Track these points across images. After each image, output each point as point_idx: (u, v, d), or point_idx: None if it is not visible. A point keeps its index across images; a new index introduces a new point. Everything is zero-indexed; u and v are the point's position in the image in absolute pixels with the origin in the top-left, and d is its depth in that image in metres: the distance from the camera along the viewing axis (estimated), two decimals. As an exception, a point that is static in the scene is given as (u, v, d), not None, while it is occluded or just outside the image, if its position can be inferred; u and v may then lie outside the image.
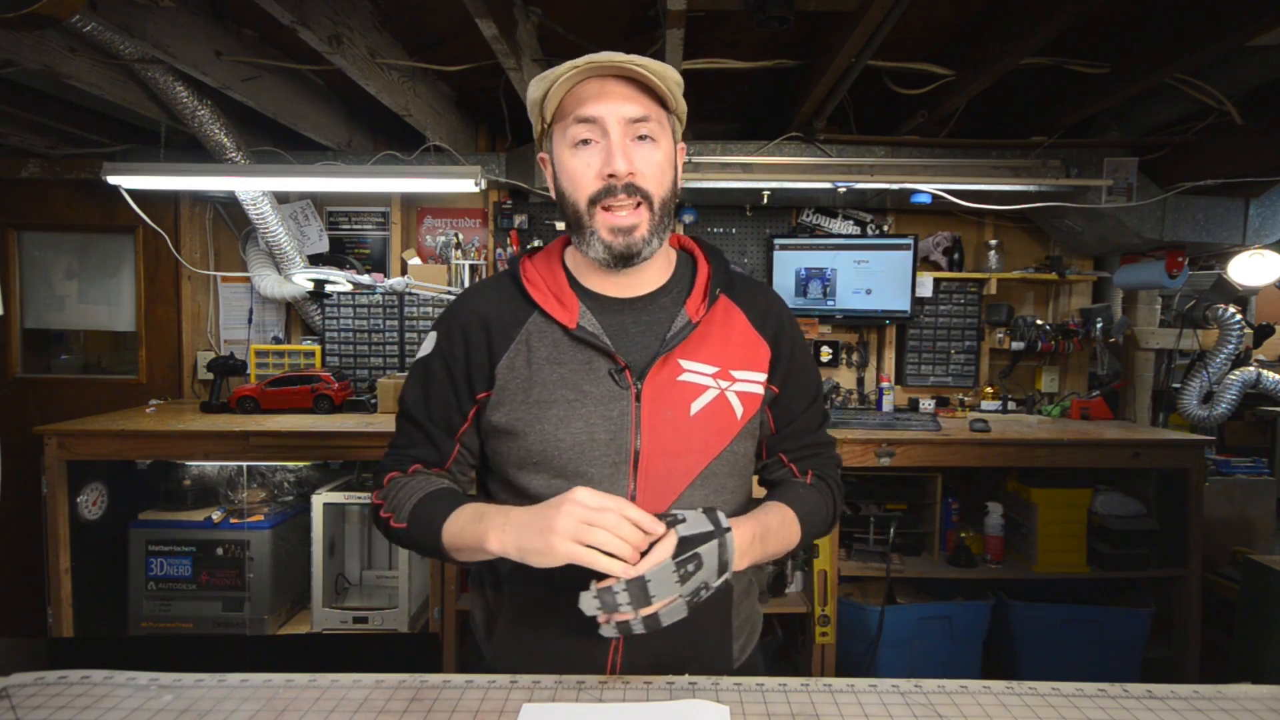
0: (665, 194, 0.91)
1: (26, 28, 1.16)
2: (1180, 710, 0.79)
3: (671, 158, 0.92)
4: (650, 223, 0.89)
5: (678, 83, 0.89)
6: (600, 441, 0.89)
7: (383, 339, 2.99)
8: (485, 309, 0.95)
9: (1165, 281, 2.57)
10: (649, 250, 0.90)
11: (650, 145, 0.88)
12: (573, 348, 0.92)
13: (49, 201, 2.97)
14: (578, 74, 0.85)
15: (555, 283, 0.95)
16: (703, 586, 0.80)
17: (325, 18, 1.73)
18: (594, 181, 0.87)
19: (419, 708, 0.78)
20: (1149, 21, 1.86)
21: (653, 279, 0.97)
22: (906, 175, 2.54)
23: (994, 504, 2.52)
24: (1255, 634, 1.90)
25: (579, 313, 0.93)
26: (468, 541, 0.85)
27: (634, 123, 0.87)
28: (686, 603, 0.79)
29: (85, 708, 0.78)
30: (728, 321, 0.97)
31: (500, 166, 2.80)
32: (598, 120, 0.86)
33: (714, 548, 0.80)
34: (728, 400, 0.93)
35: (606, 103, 0.86)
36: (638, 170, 0.87)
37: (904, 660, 2.40)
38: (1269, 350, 3.36)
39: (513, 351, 0.93)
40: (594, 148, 0.87)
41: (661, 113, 0.90)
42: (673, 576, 0.77)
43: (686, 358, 0.93)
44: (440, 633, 2.38)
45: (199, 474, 2.69)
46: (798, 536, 0.96)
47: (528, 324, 0.94)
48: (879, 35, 1.69)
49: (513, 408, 0.92)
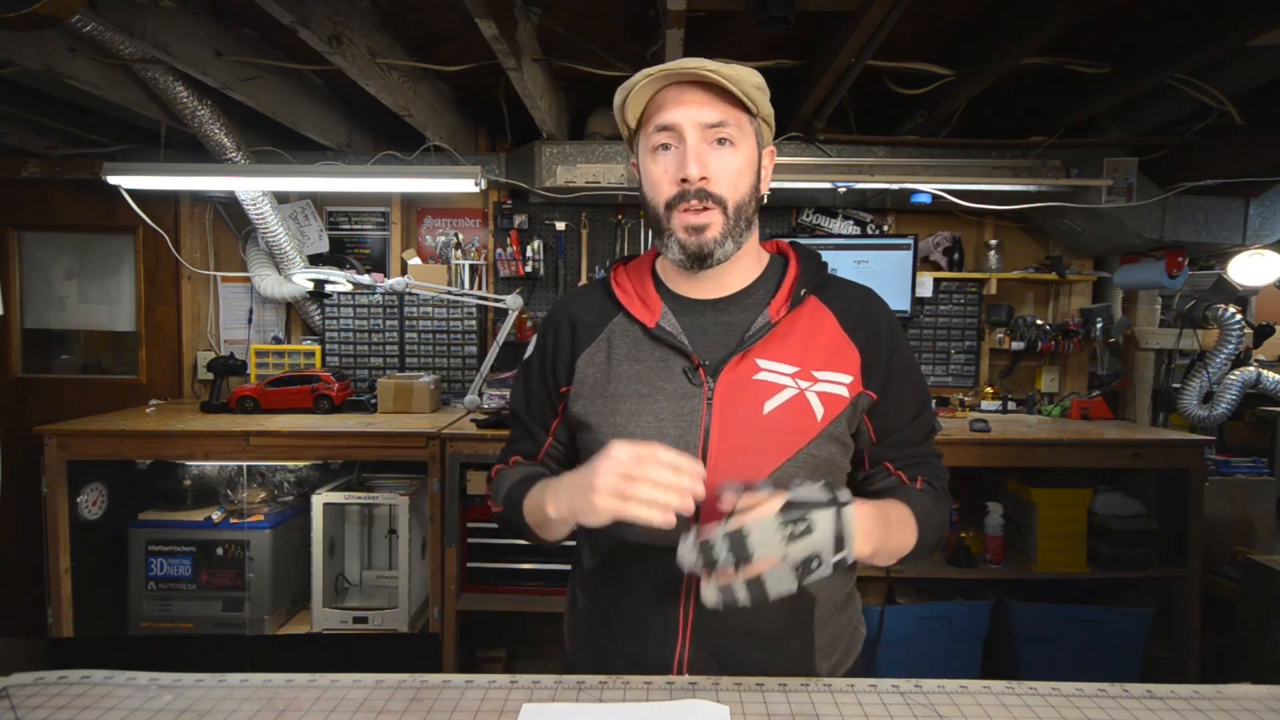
0: (741, 198, 0.91)
1: (26, 28, 1.16)
2: (1180, 710, 0.79)
3: (753, 162, 0.92)
4: (723, 225, 0.89)
5: (757, 86, 0.90)
6: (670, 437, 0.90)
7: (383, 339, 2.99)
8: (575, 310, 1.01)
9: (1165, 281, 2.57)
10: (722, 252, 0.90)
11: (729, 149, 0.89)
12: (651, 346, 0.95)
13: (49, 201, 2.97)
14: (652, 82, 0.87)
15: (642, 286, 0.99)
16: (815, 559, 0.74)
17: (325, 18, 1.73)
18: (670, 186, 0.89)
19: (419, 708, 0.78)
20: (1149, 21, 1.86)
21: (737, 280, 0.97)
22: (906, 175, 2.54)
23: (994, 504, 2.52)
24: (1255, 634, 1.90)
25: (660, 313, 0.95)
26: (537, 515, 0.89)
27: (711, 128, 0.88)
28: (795, 573, 0.74)
29: (85, 708, 0.78)
30: (815, 322, 0.95)
31: (500, 166, 2.80)
32: (675, 127, 0.88)
33: (829, 515, 0.75)
34: (807, 400, 0.91)
35: (683, 109, 0.87)
36: (711, 175, 0.88)
37: (904, 660, 2.40)
38: (1269, 350, 3.36)
39: (594, 348, 0.97)
40: (672, 153, 0.89)
41: (742, 117, 0.90)
42: (777, 534, 0.73)
43: (765, 357, 0.92)
44: (440, 633, 2.38)
45: (199, 474, 2.69)
46: (915, 538, 0.91)
47: (612, 323, 0.98)
48: (879, 35, 1.69)
49: (590, 401, 0.95)
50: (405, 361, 3.00)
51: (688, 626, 0.90)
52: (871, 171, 2.54)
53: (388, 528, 2.67)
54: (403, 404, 2.66)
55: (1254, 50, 1.86)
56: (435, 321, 2.99)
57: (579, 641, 1.03)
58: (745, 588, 0.75)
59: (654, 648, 0.92)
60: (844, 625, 0.99)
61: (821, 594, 0.95)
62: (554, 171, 2.60)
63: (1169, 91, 2.13)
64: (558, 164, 2.60)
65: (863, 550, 0.80)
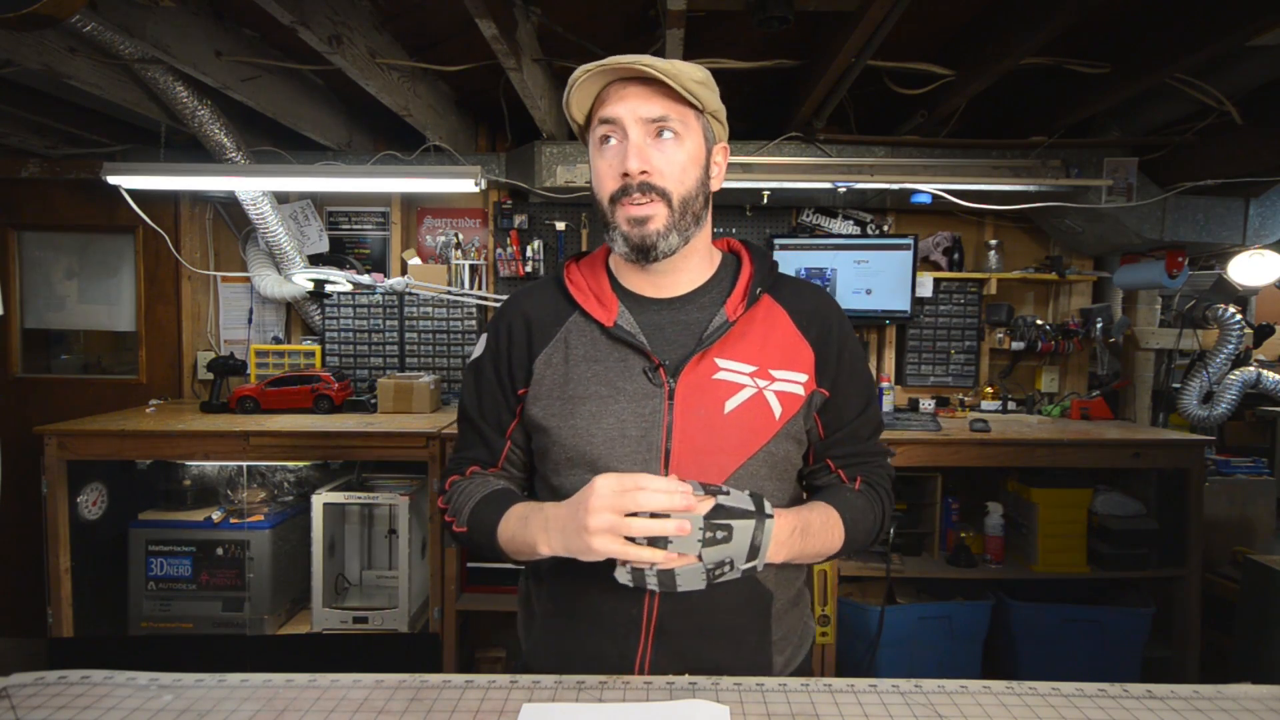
0: (686, 192, 0.90)
1: (26, 28, 1.16)
2: (1180, 710, 0.79)
3: (698, 157, 0.92)
4: (667, 218, 0.89)
5: (699, 81, 0.89)
6: (632, 438, 0.90)
7: (383, 339, 2.99)
8: (529, 308, 0.99)
9: (1165, 281, 2.57)
10: (666, 245, 0.90)
11: (672, 143, 0.89)
12: (610, 346, 0.94)
13: (49, 201, 2.97)
14: (595, 78, 0.87)
15: (597, 284, 0.98)
16: (727, 563, 0.78)
17: (325, 18, 1.73)
18: (613, 181, 0.90)
19: (419, 708, 0.78)
20: (1149, 21, 1.86)
21: (692, 279, 0.98)
22: (906, 175, 2.54)
23: (994, 504, 2.52)
24: (1255, 634, 1.91)
25: (618, 312, 0.94)
26: (520, 547, 0.88)
27: (653, 122, 0.88)
28: (706, 574, 0.78)
29: (85, 708, 0.78)
30: (769, 321, 0.96)
31: (500, 166, 2.80)
32: (616, 121, 0.88)
33: (748, 527, 0.78)
34: (765, 399, 0.91)
35: (624, 103, 0.88)
36: (653, 168, 0.88)
37: (904, 660, 2.40)
38: (1269, 350, 3.36)
39: (551, 348, 0.95)
40: (615, 148, 0.90)
41: (686, 111, 0.90)
42: (696, 533, 0.76)
43: (723, 356, 0.92)
44: (440, 633, 2.38)
45: (199, 474, 2.69)
46: (840, 540, 0.92)
47: (568, 323, 0.96)
48: (879, 35, 1.69)
49: (548, 403, 0.93)
50: (405, 361, 3.00)
51: (650, 625, 0.90)
52: (871, 171, 2.54)
53: (388, 528, 2.67)
54: (403, 404, 2.66)
55: (1254, 50, 1.86)
56: (435, 321, 2.99)
57: (537, 641, 1.01)
58: (656, 576, 0.78)
59: (616, 646, 0.91)
60: (796, 621, 1.01)
61: (778, 590, 0.96)
62: (554, 171, 2.60)
63: (1169, 91, 2.13)
64: (558, 164, 2.60)
65: (774, 559, 0.84)
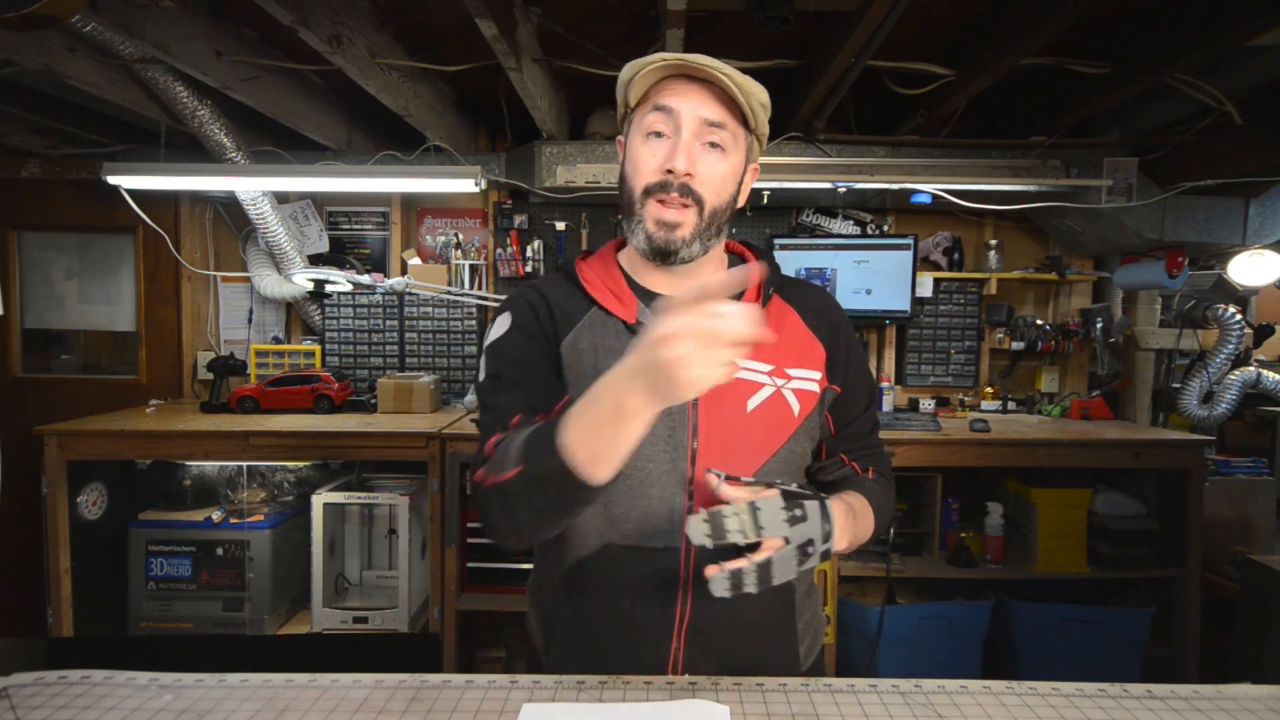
0: (720, 204, 0.91)
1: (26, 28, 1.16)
2: (1180, 710, 0.79)
3: (738, 173, 0.92)
4: (696, 226, 0.89)
5: (763, 103, 0.90)
6: (660, 437, 0.89)
7: (383, 339, 2.99)
8: (546, 292, 0.97)
9: (1165, 281, 2.57)
10: (689, 252, 0.90)
11: (719, 154, 0.89)
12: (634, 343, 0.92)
13: (49, 201, 2.97)
14: (667, 67, 0.87)
15: (613, 281, 0.97)
16: (809, 544, 0.77)
17: (325, 18, 1.73)
18: (654, 173, 0.88)
19: (419, 708, 0.78)
20: (1149, 21, 1.86)
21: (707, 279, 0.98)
22: (906, 175, 2.54)
23: (994, 504, 2.52)
24: (1255, 634, 1.91)
25: (638, 310, 0.94)
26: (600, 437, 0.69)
27: (708, 126, 0.88)
28: (796, 557, 0.76)
29: (85, 708, 0.78)
30: (781, 320, 0.97)
31: (500, 166, 2.80)
32: (673, 112, 0.87)
33: (816, 506, 0.78)
34: (784, 397, 0.92)
35: (687, 99, 0.87)
36: (697, 173, 0.88)
37: (904, 660, 2.40)
38: (1269, 350, 3.35)
39: (574, 335, 0.93)
40: (664, 142, 0.88)
41: (739, 127, 0.90)
42: (782, 513, 0.75)
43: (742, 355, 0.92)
44: (440, 633, 2.38)
45: (199, 474, 2.69)
46: (873, 526, 0.94)
47: (588, 315, 0.95)
48: (879, 35, 1.69)
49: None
50: (405, 361, 3.00)
51: (683, 625, 0.90)
52: (871, 171, 2.54)
53: (388, 528, 2.67)
54: (403, 404, 2.66)
55: (1254, 50, 1.86)
56: (435, 321, 2.99)
57: (561, 645, 0.97)
58: (755, 572, 0.75)
59: (649, 648, 0.91)
60: (813, 612, 1.03)
61: (798, 579, 0.97)
62: (554, 171, 2.60)
63: (1169, 91, 2.13)
64: (558, 164, 2.60)
65: (840, 544, 0.83)
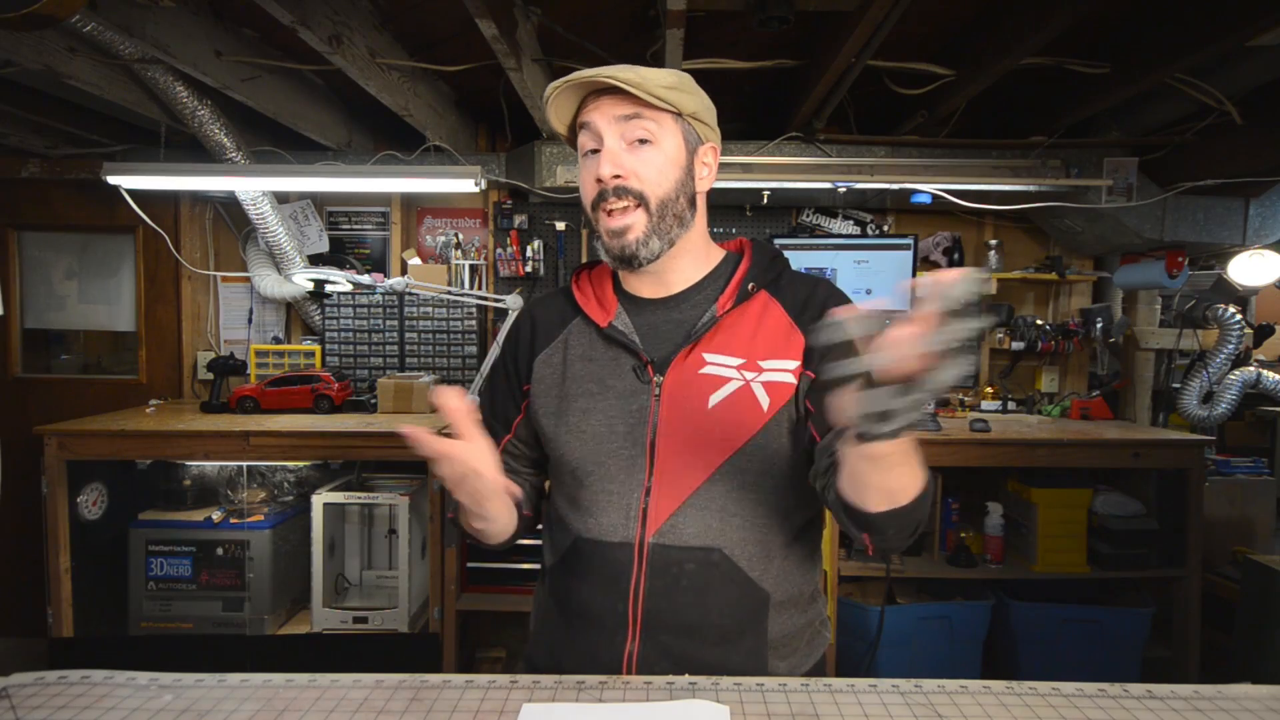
0: (665, 194, 0.91)
1: (26, 28, 1.16)
2: (1180, 710, 0.79)
3: (678, 158, 0.92)
4: (647, 223, 0.91)
5: (666, 85, 0.89)
6: (619, 434, 0.92)
7: (383, 339, 2.99)
8: (537, 312, 1.05)
9: (1165, 281, 2.57)
10: (647, 251, 0.91)
11: (650, 147, 0.91)
12: (605, 346, 0.97)
13: (49, 201, 2.97)
14: (564, 92, 0.90)
15: (601, 288, 1.02)
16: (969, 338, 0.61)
17: (325, 18, 1.73)
18: (593, 187, 0.92)
19: (419, 708, 0.78)
20: (1149, 21, 1.86)
21: (685, 278, 0.99)
22: (906, 175, 2.54)
23: (994, 504, 2.51)
24: (1255, 634, 1.91)
25: (615, 313, 0.98)
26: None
27: (624, 121, 0.89)
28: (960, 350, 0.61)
29: (85, 708, 0.78)
30: (763, 314, 0.96)
31: (500, 166, 2.80)
32: (592, 125, 0.91)
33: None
34: (751, 391, 0.91)
35: (600, 109, 0.90)
36: (628, 172, 0.89)
37: (904, 660, 2.40)
38: (1269, 350, 3.36)
39: (551, 349, 1.00)
40: (594, 156, 0.92)
41: (660, 115, 0.90)
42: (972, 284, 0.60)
43: (710, 350, 0.93)
44: (440, 633, 2.37)
45: (199, 474, 2.69)
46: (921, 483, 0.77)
47: (570, 325, 1.01)
48: (879, 35, 1.69)
49: (546, 400, 0.98)
50: (405, 361, 3.00)
51: (637, 623, 0.90)
52: (871, 171, 2.54)
53: (388, 528, 2.67)
54: (403, 404, 2.66)
55: (1254, 50, 1.86)
56: (435, 321, 2.99)
57: (538, 639, 1.03)
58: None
59: (605, 644, 0.92)
60: (804, 625, 0.98)
61: (777, 590, 0.93)
62: (554, 171, 2.60)
63: (1169, 91, 2.13)
64: (558, 164, 2.60)
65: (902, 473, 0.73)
